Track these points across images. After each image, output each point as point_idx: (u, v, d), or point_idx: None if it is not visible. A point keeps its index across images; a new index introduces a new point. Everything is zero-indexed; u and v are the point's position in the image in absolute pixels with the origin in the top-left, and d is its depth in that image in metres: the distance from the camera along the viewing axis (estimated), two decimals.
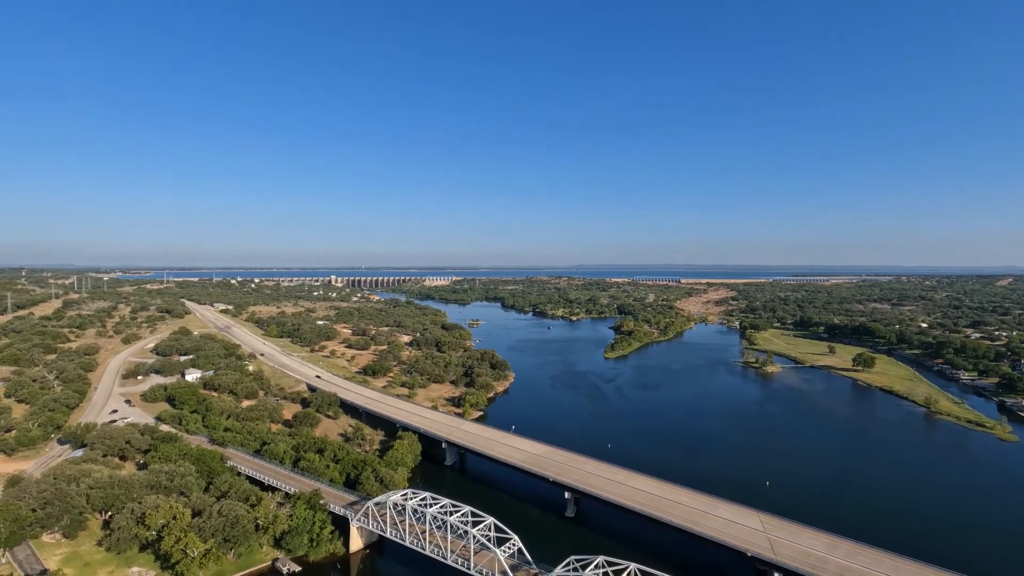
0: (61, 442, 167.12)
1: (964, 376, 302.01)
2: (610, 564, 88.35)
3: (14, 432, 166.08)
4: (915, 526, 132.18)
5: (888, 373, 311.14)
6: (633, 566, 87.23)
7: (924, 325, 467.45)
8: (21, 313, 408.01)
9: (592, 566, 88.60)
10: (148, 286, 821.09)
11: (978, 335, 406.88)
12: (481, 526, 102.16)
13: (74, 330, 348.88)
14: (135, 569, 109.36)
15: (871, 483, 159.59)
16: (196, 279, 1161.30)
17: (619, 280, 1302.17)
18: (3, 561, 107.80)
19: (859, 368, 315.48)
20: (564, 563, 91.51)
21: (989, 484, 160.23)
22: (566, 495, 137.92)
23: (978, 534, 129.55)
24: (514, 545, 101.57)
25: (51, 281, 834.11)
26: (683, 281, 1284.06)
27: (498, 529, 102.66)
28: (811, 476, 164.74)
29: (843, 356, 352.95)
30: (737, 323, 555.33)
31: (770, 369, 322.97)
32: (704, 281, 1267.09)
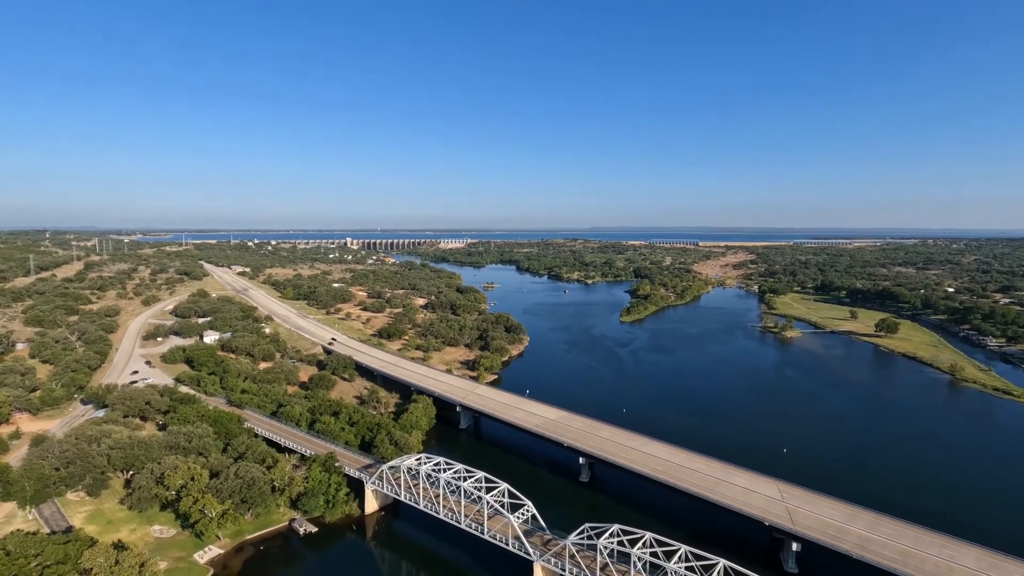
0: (84, 402, 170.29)
1: (992, 342, 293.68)
2: (625, 533, 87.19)
3: (39, 392, 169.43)
4: (938, 497, 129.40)
5: (912, 339, 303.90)
6: (649, 535, 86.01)
7: (951, 290, 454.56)
8: (44, 275, 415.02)
9: (607, 534, 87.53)
10: (167, 248, 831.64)
11: (1007, 300, 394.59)
12: (495, 492, 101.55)
13: (95, 292, 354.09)
14: (156, 527, 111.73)
15: (892, 452, 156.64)
16: (214, 241, 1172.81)
17: (635, 243, 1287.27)
18: (30, 518, 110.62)
19: (882, 334, 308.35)
20: (579, 530, 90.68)
21: (1016, 454, 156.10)
22: (580, 460, 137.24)
23: (1004, 505, 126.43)
24: (528, 511, 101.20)
25: (74, 243, 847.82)
26: (701, 244, 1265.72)
27: (512, 495, 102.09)
28: (830, 444, 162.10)
29: (865, 321, 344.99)
30: (756, 287, 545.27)
31: (789, 334, 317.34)
32: (722, 244, 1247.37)
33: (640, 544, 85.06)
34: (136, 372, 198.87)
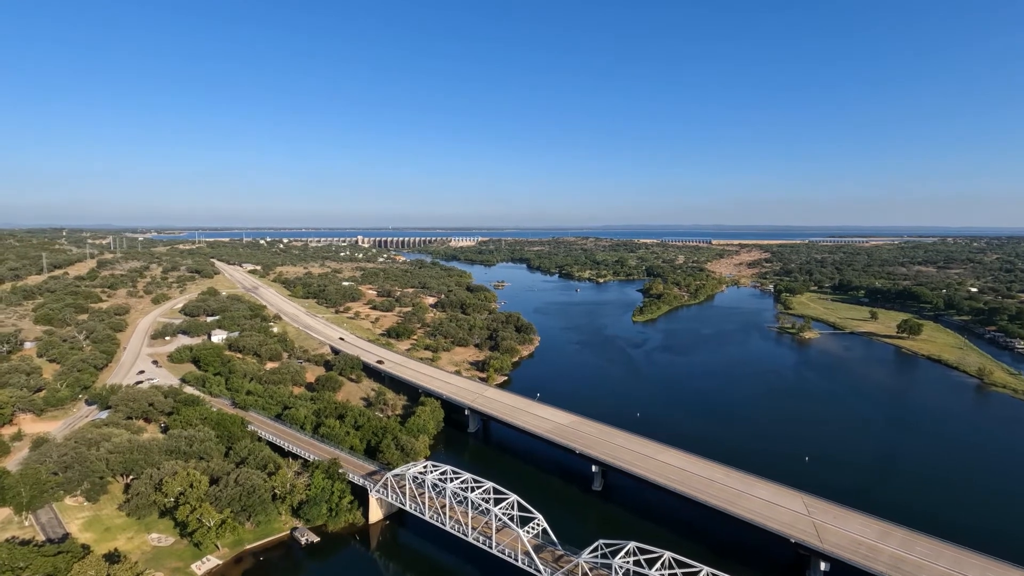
0: (89, 403, 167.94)
1: (1020, 345, 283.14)
2: (642, 552, 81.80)
3: (43, 392, 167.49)
4: (976, 512, 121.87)
5: (936, 341, 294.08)
6: (668, 555, 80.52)
7: (974, 290, 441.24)
8: (56, 273, 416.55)
9: (623, 553, 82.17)
10: (180, 246, 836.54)
11: None
12: (504, 504, 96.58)
13: (106, 290, 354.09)
14: (154, 535, 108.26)
15: (922, 461, 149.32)
16: (227, 239, 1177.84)
17: (648, 241, 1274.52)
18: (26, 524, 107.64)
19: (904, 335, 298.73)
20: (592, 547, 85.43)
21: None
22: (593, 468, 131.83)
23: None
24: (538, 525, 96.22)
25: (89, 241, 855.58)
26: (714, 242, 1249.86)
27: (521, 507, 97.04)
28: (855, 452, 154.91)
29: (886, 322, 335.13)
30: (771, 286, 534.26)
31: (807, 335, 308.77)
32: (736, 242, 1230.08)
33: (658, 564, 79.62)
34: (142, 372, 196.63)
